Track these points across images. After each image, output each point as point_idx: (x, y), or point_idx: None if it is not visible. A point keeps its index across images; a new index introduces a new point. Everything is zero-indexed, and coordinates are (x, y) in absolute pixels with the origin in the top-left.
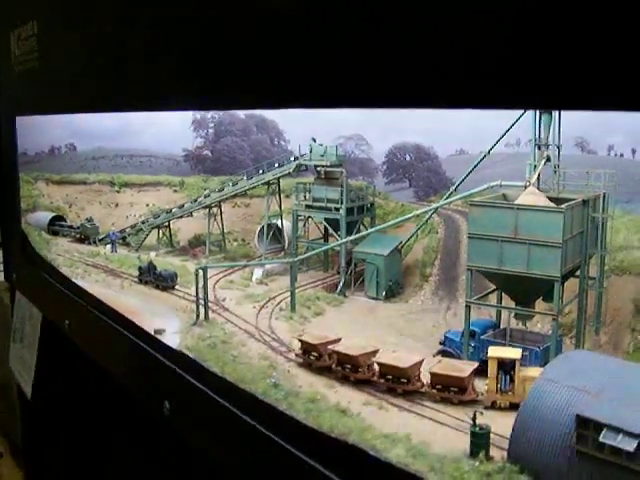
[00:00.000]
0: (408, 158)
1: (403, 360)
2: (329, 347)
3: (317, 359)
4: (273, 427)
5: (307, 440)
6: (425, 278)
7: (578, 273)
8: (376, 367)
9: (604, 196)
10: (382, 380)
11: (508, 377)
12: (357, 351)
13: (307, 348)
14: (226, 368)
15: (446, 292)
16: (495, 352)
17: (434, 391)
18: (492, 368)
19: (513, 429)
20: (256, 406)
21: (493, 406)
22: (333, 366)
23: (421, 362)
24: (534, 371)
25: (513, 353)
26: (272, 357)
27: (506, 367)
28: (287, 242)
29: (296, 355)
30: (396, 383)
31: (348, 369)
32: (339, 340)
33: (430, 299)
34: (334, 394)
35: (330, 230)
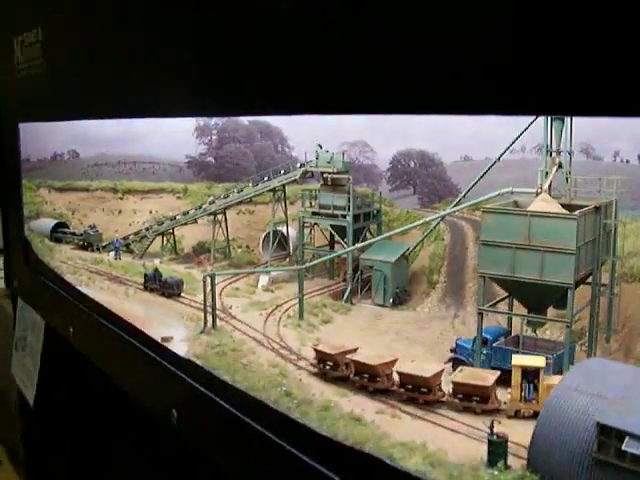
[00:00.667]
0: (412, 164)
1: (425, 369)
2: (347, 357)
3: (333, 369)
4: (285, 435)
5: (320, 448)
6: (432, 285)
7: (589, 280)
8: (395, 377)
9: (615, 202)
10: (402, 390)
11: (532, 385)
12: (376, 361)
13: (323, 358)
14: (237, 376)
15: (453, 299)
16: (519, 360)
17: (456, 401)
18: (516, 376)
19: (532, 437)
20: (268, 414)
21: (517, 415)
22: (351, 376)
23: (442, 371)
24: (558, 379)
25: (537, 361)
26: (282, 365)
27: (530, 375)
28: (292, 249)
29: (311, 365)
30: (417, 393)
31: (366, 379)
32: (356, 350)
33: (437, 306)
34: (347, 403)
35: (336, 237)
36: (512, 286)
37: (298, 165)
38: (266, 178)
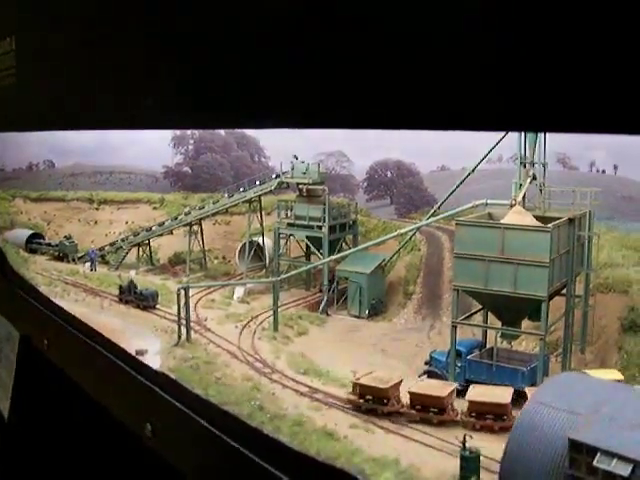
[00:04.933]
0: (389, 175)
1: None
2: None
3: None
4: (258, 450)
5: (293, 464)
6: (408, 296)
7: (564, 292)
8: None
9: (589, 214)
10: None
11: None
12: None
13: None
14: (210, 390)
15: (429, 310)
16: (597, 374)
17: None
18: None
19: (504, 453)
20: (241, 429)
21: None
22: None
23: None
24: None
25: (615, 375)
26: (256, 378)
27: None
28: (268, 260)
29: (349, 402)
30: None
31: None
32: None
33: (413, 317)
34: (321, 417)
35: (312, 248)
36: (486, 299)
37: (273, 176)
38: (242, 189)
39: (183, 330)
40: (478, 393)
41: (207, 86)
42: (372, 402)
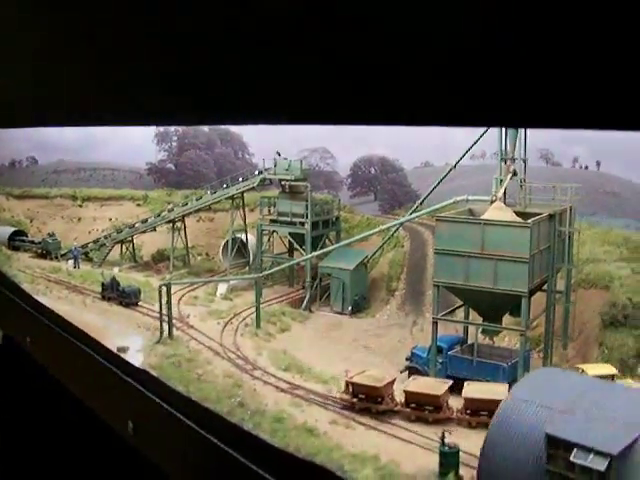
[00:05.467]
0: (373, 171)
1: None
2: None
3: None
4: (239, 447)
5: (274, 460)
6: (391, 292)
7: (546, 287)
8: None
9: (570, 210)
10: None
11: None
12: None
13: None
14: (191, 387)
15: (412, 306)
16: (593, 370)
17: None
18: None
19: (483, 448)
20: (222, 426)
21: None
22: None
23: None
24: (629, 382)
25: (609, 369)
26: (237, 375)
27: None
28: (252, 256)
29: (340, 400)
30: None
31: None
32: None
33: (396, 313)
34: (301, 413)
35: (295, 244)
36: (466, 295)
37: (256, 172)
38: (224, 185)
39: (165, 327)
40: (474, 390)
41: (207, 84)
42: (366, 401)
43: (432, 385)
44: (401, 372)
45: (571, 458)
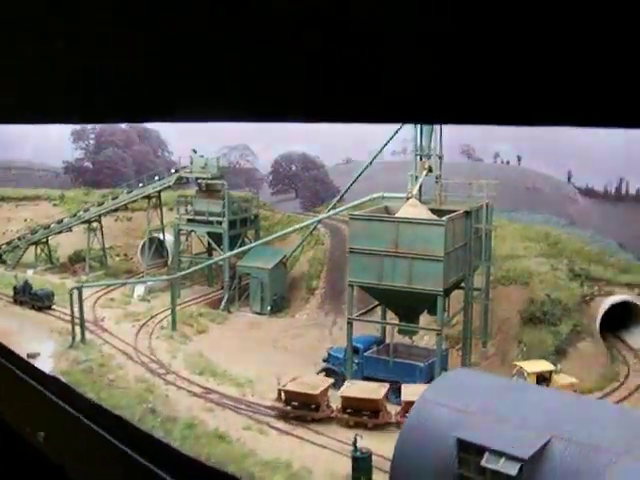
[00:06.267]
0: (294, 168)
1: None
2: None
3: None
4: (148, 455)
5: (184, 469)
6: (311, 291)
7: (464, 285)
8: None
9: (487, 206)
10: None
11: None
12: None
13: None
14: (102, 394)
15: (332, 305)
16: (531, 367)
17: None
18: (532, 382)
19: (394, 453)
20: (132, 434)
21: None
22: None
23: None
24: (567, 378)
25: (547, 366)
26: (150, 380)
27: (540, 379)
28: (171, 257)
29: (273, 408)
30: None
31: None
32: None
33: (316, 313)
34: (213, 418)
35: (213, 244)
36: (381, 295)
37: (172, 171)
38: (141, 184)
39: (78, 331)
40: (412, 393)
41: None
42: (301, 409)
43: (370, 389)
44: (317, 373)
45: (482, 463)
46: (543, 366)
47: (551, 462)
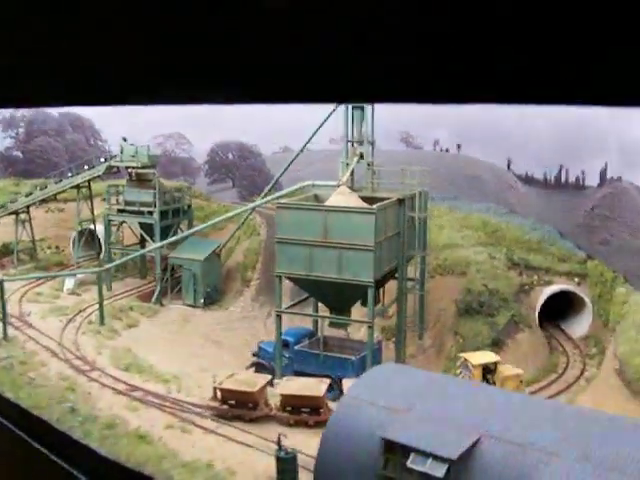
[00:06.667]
0: (231, 157)
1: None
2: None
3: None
4: (67, 456)
5: (101, 470)
6: (246, 283)
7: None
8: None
9: (421, 194)
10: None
11: (488, 379)
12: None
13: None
14: (21, 393)
15: (267, 297)
16: (476, 359)
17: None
18: (478, 374)
19: (318, 453)
20: (50, 434)
21: None
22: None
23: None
24: (513, 370)
25: (492, 357)
26: (73, 378)
27: (486, 371)
28: (104, 248)
29: (210, 408)
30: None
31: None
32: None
33: (251, 305)
34: (136, 417)
35: (145, 235)
36: (311, 286)
37: (102, 160)
38: (70, 174)
39: (0, 327)
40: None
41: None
42: (238, 407)
43: (310, 386)
44: (247, 368)
45: (407, 464)
46: (488, 357)
47: (480, 462)
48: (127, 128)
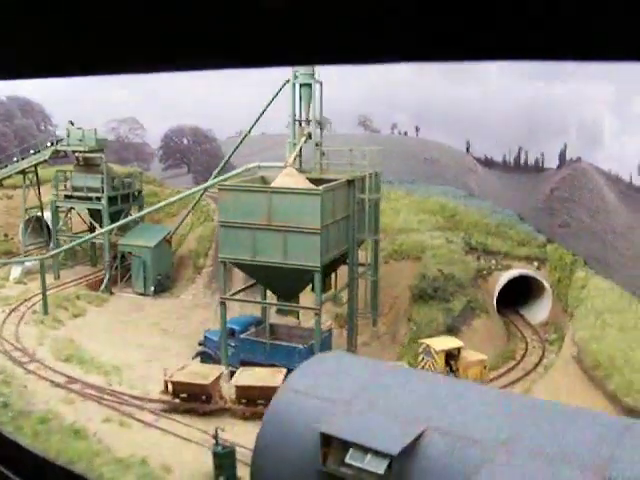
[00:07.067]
0: (186, 142)
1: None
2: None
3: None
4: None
5: (31, 468)
6: (198, 270)
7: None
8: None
9: (372, 175)
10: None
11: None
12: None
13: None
14: None
15: (220, 285)
16: (439, 344)
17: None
18: (441, 360)
19: (255, 446)
20: None
21: None
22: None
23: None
24: (477, 355)
25: (456, 342)
26: (9, 370)
27: (449, 357)
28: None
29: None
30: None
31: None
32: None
33: (203, 293)
34: (72, 411)
35: (94, 222)
36: (256, 272)
37: (48, 144)
38: (15, 159)
39: None
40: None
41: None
42: (191, 401)
43: (266, 376)
44: (192, 358)
45: (346, 459)
46: (452, 343)
47: (424, 457)
48: (78, 114)
